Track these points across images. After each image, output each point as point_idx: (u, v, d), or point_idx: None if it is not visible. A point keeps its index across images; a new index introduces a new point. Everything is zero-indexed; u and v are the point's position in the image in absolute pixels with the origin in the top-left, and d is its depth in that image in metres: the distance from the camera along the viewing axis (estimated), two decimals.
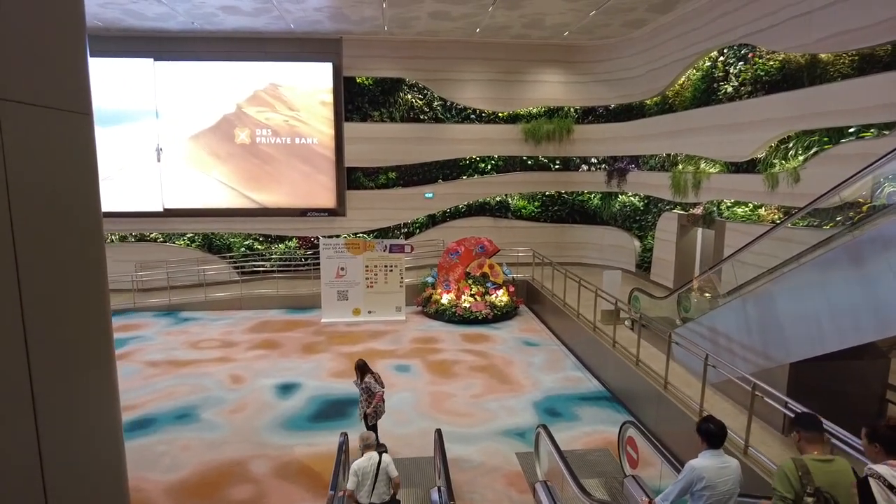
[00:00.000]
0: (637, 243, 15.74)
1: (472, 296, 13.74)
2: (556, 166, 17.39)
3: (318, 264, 13.91)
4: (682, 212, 13.48)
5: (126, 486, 2.81)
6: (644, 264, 15.25)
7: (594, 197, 17.43)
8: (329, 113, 16.45)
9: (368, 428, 6.92)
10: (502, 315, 13.62)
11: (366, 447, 5.19)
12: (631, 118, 16.12)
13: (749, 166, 10.99)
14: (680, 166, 13.56)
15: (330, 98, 16.39)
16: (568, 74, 16.99)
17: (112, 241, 16.82)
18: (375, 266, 13.80)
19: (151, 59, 15.81)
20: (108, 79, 15.63)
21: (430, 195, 17.08)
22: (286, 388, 9.55)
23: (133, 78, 15.91)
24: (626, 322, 10.69)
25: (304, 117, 16.40)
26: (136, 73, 15.91)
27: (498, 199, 17.41)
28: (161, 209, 16.41)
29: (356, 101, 16.63)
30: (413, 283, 15.00)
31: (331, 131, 16.50)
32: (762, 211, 10.68)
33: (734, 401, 7.22)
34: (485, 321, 13.35)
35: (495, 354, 11.28)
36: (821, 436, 3.38)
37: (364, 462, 5.04)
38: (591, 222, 17.42)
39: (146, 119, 16.07)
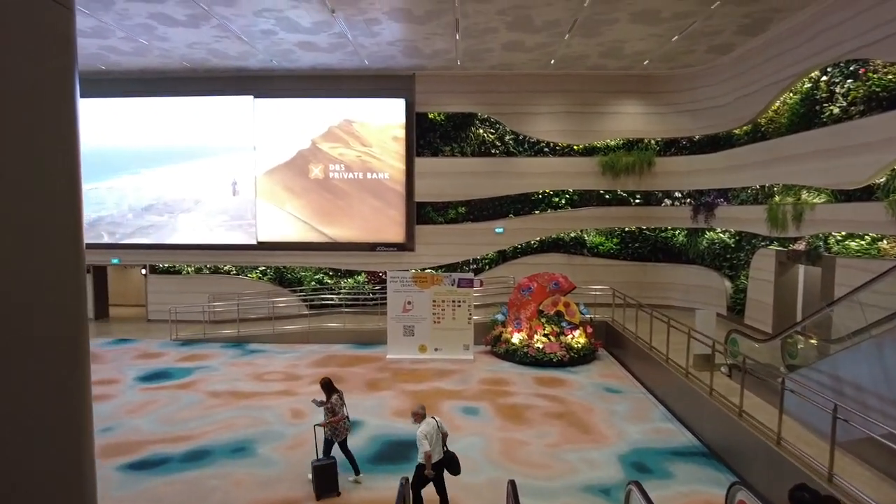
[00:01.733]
0: (728, 283, 14.39)
1: (545, 336, 12.86)
2: (637, 200, 16.42)
3: (386, 299, 13.52)
4: (780, 248, 12.17)
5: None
6: (737, 306, 13.87)
7: (679, 233, 16.26)
8: (400, 148, 16.40)
9: (331, 445, 7.12)
10: (579, 358, 12.62)
11: (422, 417, 6.24)
12: (717, 149, 15.04)
13: (864, 193, 9.71)
14: (777, 198, 12.32)
15: (402, 133, 16.36)
16: (647, 105, 16.19)
17: (188, 272, 17.29)
18: (443, 301, 13.25)
19: (252, 97, 16.47)
20: (195, 115, 16.37)
21: (501, 230, 16.50)
22: None
23: (214, 114, 16.55)
24: (723, 368, 9.50)
25: (376, 153, 16.42)
26: (214, 110, 16.55)
27: (573, 234, 16.58)
28: (238, 242, 16.71)
29: (427, 136, 16.52)
30: (482, 320, 14.31)
31: (402, 166, 16.41)
32: (884, 244, 9.34)
33: (870, 465, 5.98)
34: (560, 364, 12.40)
35: (573, 400, 10.30)
36: None
37: (426, 428, 6.07)
38: (675, 260, 16.20)
39: (224, 154, 16.59)
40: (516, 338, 13.06)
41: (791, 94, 12.13)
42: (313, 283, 16.96)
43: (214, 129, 16.59)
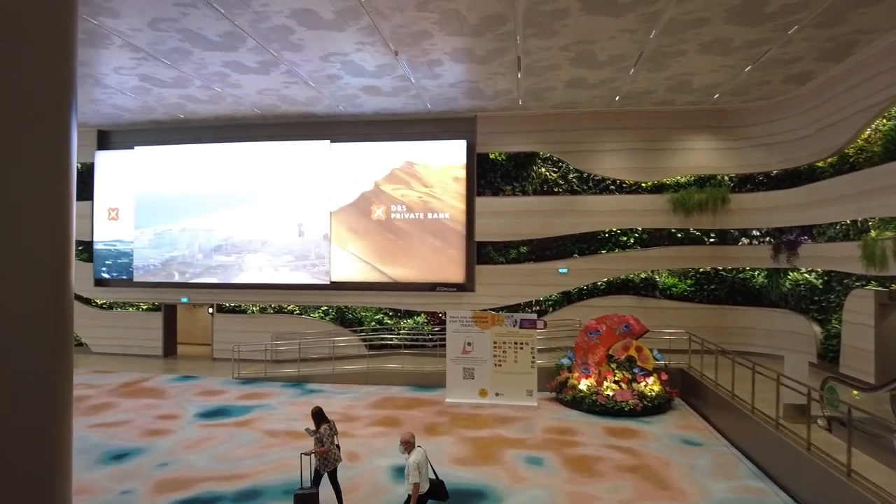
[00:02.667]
0: (817, 329, 13.12)
1: (616, 382, 12.04)
2: (711, 239, 15.48)
3: (445, 341, 13.13)
4: (880, 288, 10.99)
5: None
6: (829, 353, 12.56)
7: (758, 274, 15.13)
8: (461, 188, 16.30)
9: (320, 476, 7.11)
10: (653, 407, 11.69)
11: (412, 447, 6.16)
12: (798, 183, 14.05)
13: None
14: (873, 233, 11.22)
15: (462, 174, 16.30)
16: (719, 140, 15.45)
17: (253, 312, 17.58)
18: (504, 342, 12.72)
19: (328, 141, 16.97)
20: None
21: (565, 270, 15.90)
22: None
23: (285, 159, 17.10)
24: (820, 420, 8.45)
25: (437, 193, 16.39)
26: (286, 154, 17.10)
27: (643, 275, 15.75)
28: (302, 282, 16.92)
29: (488, 175, 16.38)
30: (546, 365, 13.63)
31: (462, 206, 16.27)
32: None
33: None
34: (632, 413, 11.51)
35: (647, 453, 9.44)
36: None
37: (418, 457, 6.02)
38: (755, 303, 15.02)
39: (291, 196, 17.02)
40: (584, 384, 12.30)
41: (884, 121, 11.19)
42: (373, 323, 16.83)
43: (285, 172, 17.12)
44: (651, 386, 11.94)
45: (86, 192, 18.51)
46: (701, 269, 15.58)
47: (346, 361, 15.43)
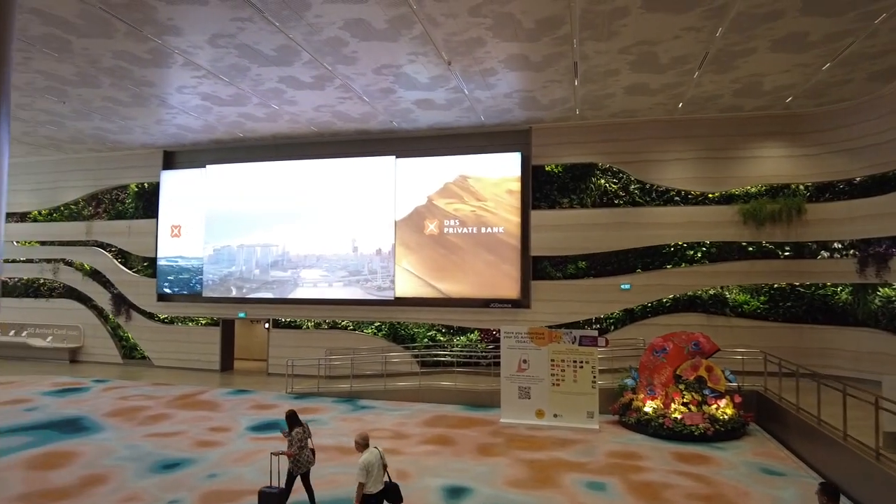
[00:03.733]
0: None
1: (685, 404, 11.17)
2: (786, 253, 14.37)
3: (499, 359, 12.61)
4: None
5: None
6: None
7: (841, 290, 13.87)
8: (516, 201, 15.88)
9: (293, 477, 7.19)
10: (726, 432, 10.74)
11: (365, 446, 6.24)
12: (888, 191, 12.82)
13: None
14: None
15: (517, 187, 15.89)
16: (793, 147, 14.41)
17: (307, 327, 17.60)
18: (563, 361, 12.08)
19: (393, 157, 16.96)
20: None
21: (627, 286, 15.12)
22: (455, 492, 8.07)
23: (343, 175, 17.22)
24: None
25: (490, 207, 16.03)
26: (342, 171, 17.22)
27: (711, 292, 14.76)
28: (356, 297, 16.86)
29: (544, 188, 15.89)
30: (608, 385, 12.87)
31: (517, 219, 15.82)
32: None
33: None
34: (703, 438, 10.61)
35: (722, 482, 8.58)
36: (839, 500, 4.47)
37: (369, 456, 6.06)
38: (839, 322, 13.75)
39: (348, 212, 17.08)
40: (649, 406, 11.49)
41: None
42: (426, 339, 16.49)
43: (340, 189, 17.25)
44: (723, 409, 10.99)
45: (151, 210, 19.22)
46: (775, 285, 14.44)
47: (398, 378, 15.15)
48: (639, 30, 10.16)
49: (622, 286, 15.18)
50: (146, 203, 19.44)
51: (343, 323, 17.34)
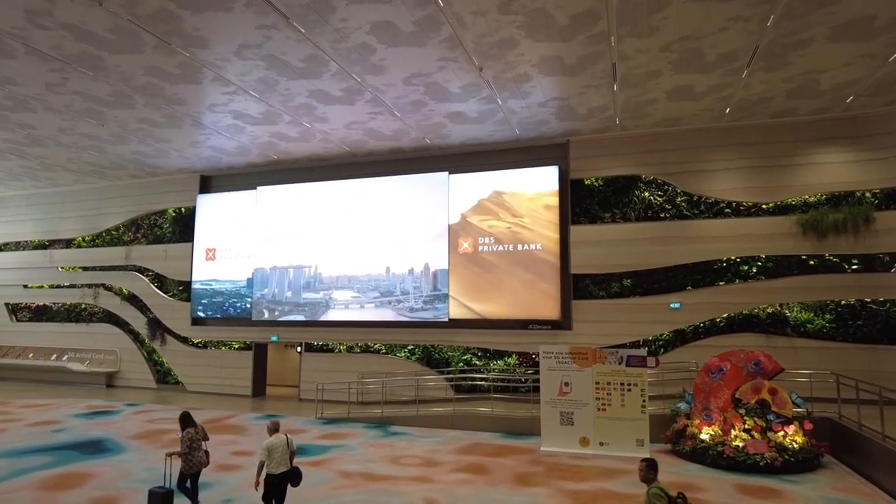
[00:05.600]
0: None
1: (746, 431, 10.02)
2: (854, 266, 13.09)
3: (539, 383, 11.72)
4: None
5: None
6: None
7: None
8: (554, 217, 15.14)
9: (185, 477, 7.42)
10: (796, 463, 9.52)
11: (275, 430, 7.03)
12: None
13: None
14: None
15: (555, 201, 15.17)
16: (856, 151, 13.29)
17: (340, 350, 17.10)
18: (608, 383, 11.11)
19: (426, 175, 16.55)
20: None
21: (677, 305, 14.05)
22: None
23: (381, 194, 16.92)
24: None
25: (527, 223, 15.34)
26: (382, 190, 16.92)
27: (769, 310, 13.54)
28: (387, 319, 16.31)
29: (584, 202, 15.13)
30: (658, 412, 11.80)
31: (555, 235, 15.06)
32: None
33: None
34: (769, 469, 9.42)
35: None
36: (657, 472, 5.04)
37: (274, 440, 6.80)
38: None
39: (381, 232, 16.70)
40: (706, 433, 10.38)
41: None
42: (461, 364, 15.70)
43: (371, 209, 16.94)
44: (792, 436, 9.79)
45: (188, 234, 19.31)
46: (843, 302, 13.14)
47: (431, 404, 14.40)
48: (681, 23, 9.50)
49: (671, 305, 14.12)
50: (182, 227, 19.58)
51: (375, 346, 16.76)
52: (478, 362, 15.70)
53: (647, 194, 14.69)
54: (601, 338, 14.46)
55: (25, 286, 22.20)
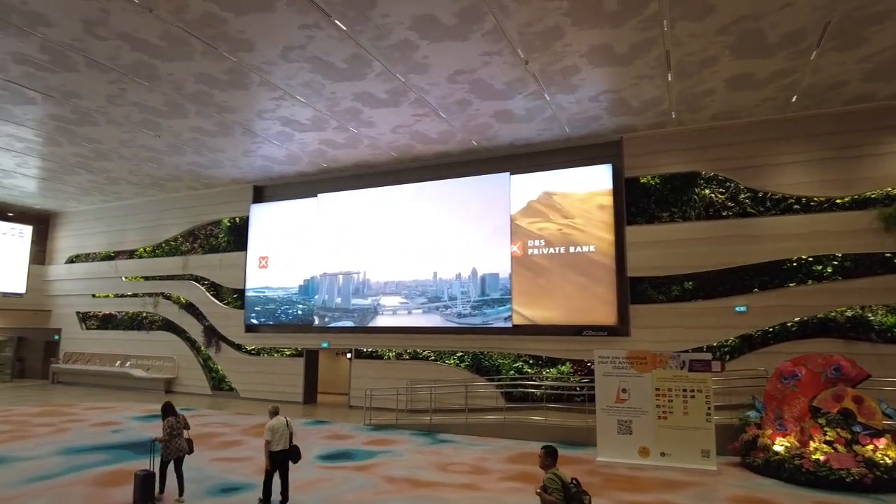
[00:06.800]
0: None
1: (828, 443, 9.08)
2: None
3: (594, 392, 11.09)
4: None
5: None
6: None
7: None
8: (608, 217, 14.51)
9: (165, 463, 7.92)
10: (891, 481, 8.51)
11: (275, 413, 7.98)
12: None
13: None
14: None
15: (609, 201, 14.55)
16: None
17: (389, 357, 16.90)
18: (669, 390, 10.37)
19: (473, 178, 16.26)
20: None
21: (743, 309, 13.10)
22: None
23: (428, 199, 16.77)
24: None
25: (579, 224, 14.76)
26: (427, 194, 16.76)
27: (849, 313, 12.40)
28: (435, 325, 16.03)
29: (640, 202, 14.42)
30: (725, 422, 10.94)
31: (610, 237, 14.41)
32: None
33: None
34: (857, 486, 8.47)
35: None
36: (556, 459, 5.29)
37: (275, 422, 7.74)
38: None
39: (429, 237, 16.50)
40: (780, 444, 9.50)
41: None
42: (512, 371, 15.18)
43: (419, 213, 16.79)
44: (884, 450, 8.79)
45: (241, 243, 19.73)
46: None
47: (481, 413, 13.92)
48: (739, 0, 8.86)
49: (737, 308, 13.18)
50: (237, 237, 20.03)
51: (424, 353, 16.46)
52: (529, 370, 15.13)
53: (707, 192, 13.86)
54: (661, 344, 13.61)
55: (93, 295, 23.31)
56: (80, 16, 9.53)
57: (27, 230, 24.10)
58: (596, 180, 14.72)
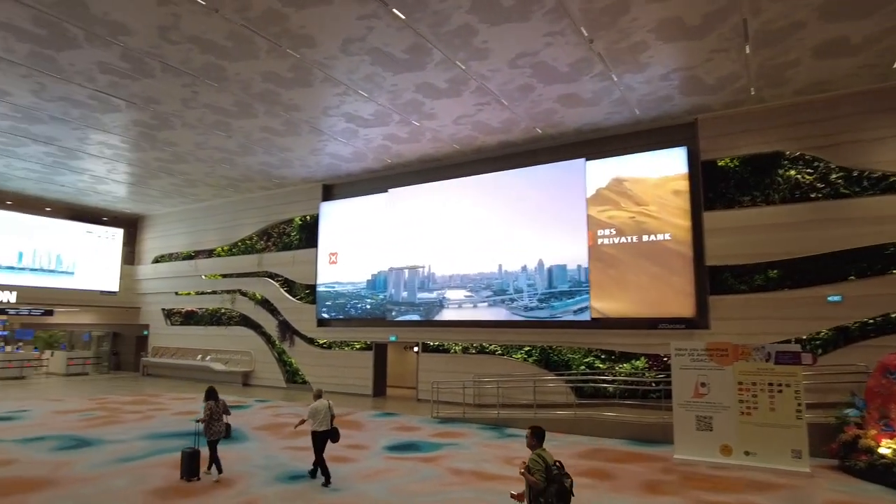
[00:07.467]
0: None
1: None
2: None
3: (671, 387, 10.47)
4: None
5: None
6: None
7: None
8: (684, 203, 13.72)
9: (212, 444, 8.36)
10: None
11: (318, 397, 8.55)
12: None
13: None
14: None
15: (685, 186, 13.76)
16: None
17: (455, 351, 16.79)
18: (754, 384, 9.62)
19: (539, 167, 15.86)
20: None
21: (837, 298, 12.00)
22: None
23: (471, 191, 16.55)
24: None
25: (652, 211, 14.05)
26: (507, 183, 16.54)
27: None
28: (501, 319, 15.76)
29: (719, 186, 13.54)
30: (818, 421, 10.04)
31: (686, 223, 13.62)
32: None
33: None
34: None
35: None
36: (542, 440, 5.36)
37: (318, 405, 8.33)
38: None
39: (488, 229, 16.25)
40: (887, 446, 8.59)
41: None
42: (583, 366, 14.67)
43: (482, 205, 16.56)
44: None
45: (312, 240, 20.26)
46: None
47: (550, 408, 13.55)
48: None
49: (830, 298, 12.09)
50: (308, 234, 20.59)
51: (491, 347, 16.23)
52: (601, 365, 14.57)
53: (792, 172, 12.81)
54: (744, 337, 12.67)
55: (177, 293, 24.68)
56: (155, 22, 9.99)
57: (119, 233, 25.85)
58: (669, 164, 13.96)
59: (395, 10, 9.49)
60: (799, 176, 12.75)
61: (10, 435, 11.15)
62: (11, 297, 21.90)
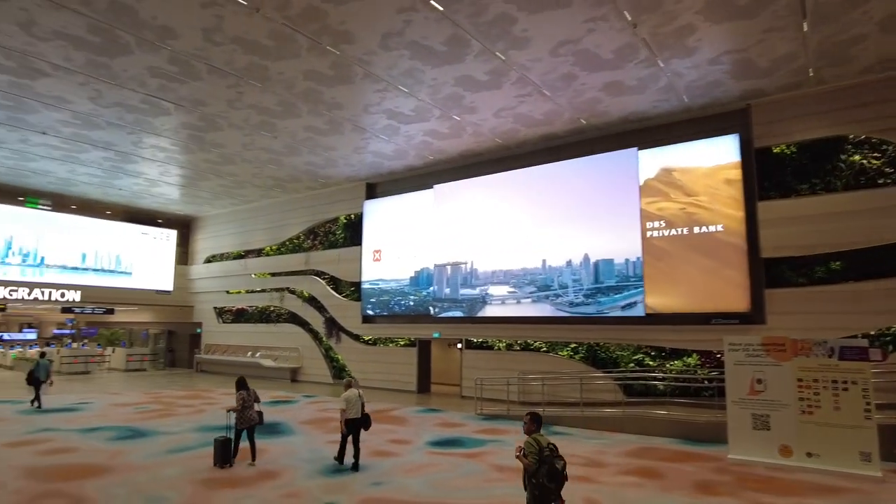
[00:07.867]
0: None
1: None
2: None
3: (724, 385, 9.99)
4: None
5: None
6: None
7: None
8: (736, 192, 13.12)
9: (239, 431, 8.79)
10: None
11: (349, 386, 8.90)
12: None
13: None
14: None
15: (737, 175, 13.15)
16: None
17: (499, 348, 16.61)
18: (815, 381, 9.06)
19: (583, 160, 15.49)
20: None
21: None
22: None
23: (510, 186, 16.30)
24: None
25: (703, 202, 13.50)
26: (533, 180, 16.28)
27: None
28: (545, 315, 15.47)
29: (774, 174, 12.89)
30: (890, 421, 9.37)
31: (740, 213, 13.02)
32: None
33: None
34: None
35: None
36: (540, 426, 5.50)
37: (350, 394, 8.68)
38: None
39: (531, 223, 15.99)
40: None
41: None
42: (631, 364, 14.23)
43: (526, 199, 16.35)
44: None
45: (356, 238, 20.48)
46: None
47: (597, 407, 13.20)
48: None
49: None
50: (352, 232, 20.82)
51: (536, 344, 15.96)
52: (651, 363, 14.10)
53: (857, 157, 12.05)
54: (804, 332, 11.86)
55: (227, 292, 25.42)
56: (200, 24, 10.24)
57: (172, 234, 26.82)
58: (721, 153, 13.38)
59: (432, 2, 9.41)
60: (864, 161, 11.98)
61: (73, 425, 11.70)
62: (76, 296, 23.04)
